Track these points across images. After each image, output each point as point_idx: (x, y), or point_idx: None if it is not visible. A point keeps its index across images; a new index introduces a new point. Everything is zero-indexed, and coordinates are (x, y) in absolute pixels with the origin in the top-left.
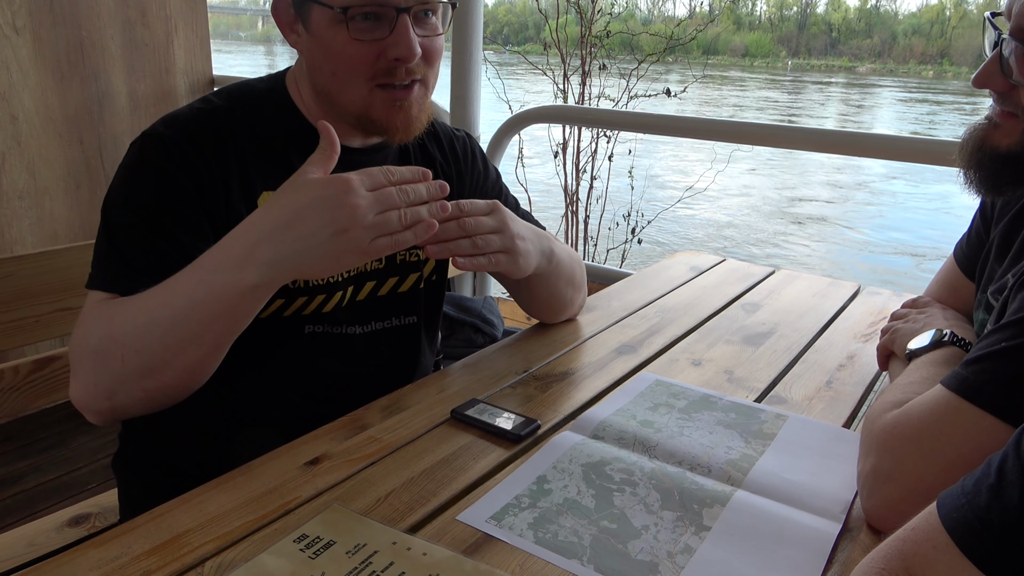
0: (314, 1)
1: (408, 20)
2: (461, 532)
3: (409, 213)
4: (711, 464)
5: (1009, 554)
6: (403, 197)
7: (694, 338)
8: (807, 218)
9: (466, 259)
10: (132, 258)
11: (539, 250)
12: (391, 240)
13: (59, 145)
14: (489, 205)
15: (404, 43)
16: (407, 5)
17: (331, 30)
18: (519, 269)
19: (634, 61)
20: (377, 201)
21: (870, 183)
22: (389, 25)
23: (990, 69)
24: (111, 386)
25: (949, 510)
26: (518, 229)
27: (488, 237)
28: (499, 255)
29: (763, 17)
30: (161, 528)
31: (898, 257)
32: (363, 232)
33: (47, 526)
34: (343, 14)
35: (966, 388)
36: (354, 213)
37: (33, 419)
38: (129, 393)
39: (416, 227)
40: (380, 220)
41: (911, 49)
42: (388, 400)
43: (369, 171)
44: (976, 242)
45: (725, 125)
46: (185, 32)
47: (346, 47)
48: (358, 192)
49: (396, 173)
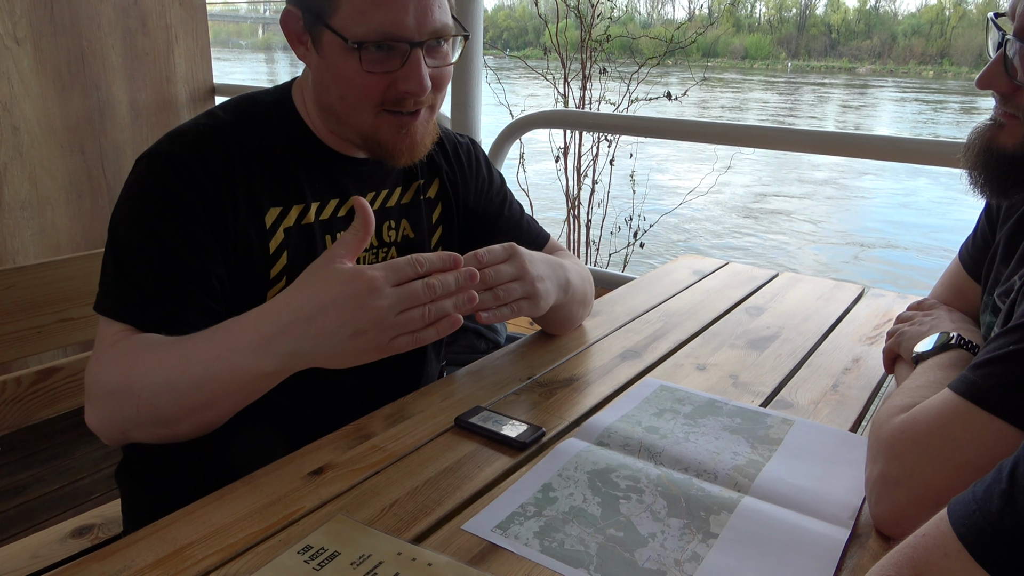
0: (326, 26)
1: (421, 54)
2: (467, 541)
3: (434, 309)
4: (717, 470)
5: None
6: (428, 293)
7: (698, 342)
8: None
9: (489, 313)
10: (140, 283)
11: (556, 286)
12: (412, 338)
13: (60, 155)
14: (506, 250)
15: (415, 78)
16: (421, 39)
17: (342, 57)
18: (539, 311)
19: (634, 65)
20: (400, 300)
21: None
22: (401, 58)
23: (994, 70)
24: (125, 427)
25: (960, 516)
26: (537, 271)
27: (509, 286)
28: (521, 302)
29: (762, 19)
30: (164, 541)
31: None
32: (383, 333)
33: (50, 537)
34: (356, 47)
35: (975, 392)
36: (375, 315)
37: (35, 429)
38: (142, 435)
39: (440, 323)
40: (402, 320)
41: (911, 49)
42: (392, 408)
43: (396, 264)
44: (982, 244)
45: (727, 128)
46: (186, 41)
47: (356, 76)
48: (381, 292)
49: (425, 263)
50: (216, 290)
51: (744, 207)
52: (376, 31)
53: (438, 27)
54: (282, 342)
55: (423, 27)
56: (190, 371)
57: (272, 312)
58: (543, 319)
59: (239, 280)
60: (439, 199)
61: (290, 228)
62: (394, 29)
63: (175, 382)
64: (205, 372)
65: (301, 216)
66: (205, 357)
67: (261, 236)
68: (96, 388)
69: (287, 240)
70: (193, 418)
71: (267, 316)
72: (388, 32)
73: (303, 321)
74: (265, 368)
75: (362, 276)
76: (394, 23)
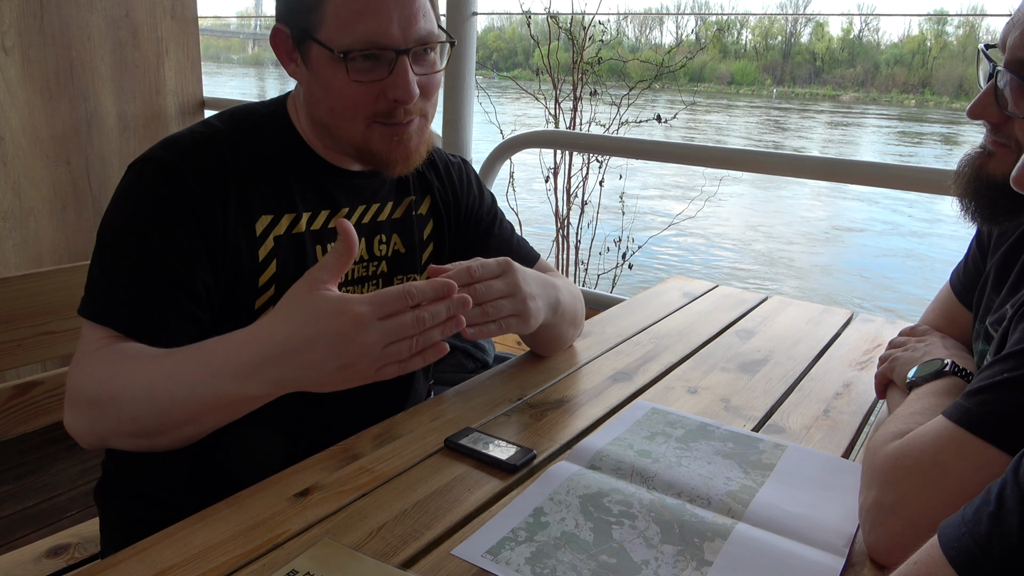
0: (313, 40)
1: (407, 62)
2: (456, 568)
3: (421, 340)
4: (711, 496)
5: None
6: (418, 326)
7: (689, 365)
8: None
9: (475, 328)
10: (123, 287)
11: (547, 305)
12: (399, 367)
13: (46, 165)
14: (500, 265)
15: (403, 85)
16: (406, 47)
17: (330, 69)
18: (528, 329)
19: (623, 88)
20: (388, 334)
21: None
22: (388, 66)
23: (984, 101)
24: (104, 435)
25: (950, 539)
26: (530, 288)
27: (498, 303)
28: (509, 319)
29: (748, 46)
30: (144, 564)
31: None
32: (370, 364)
33: (24, 557)
34: (342, 57)
35: (968, 419)
36: (361, 349)
37: (11, 444)
38: (121, 444)
39: (426, 352)
40: (389, 352)
41: (893, 78)
42: (380, 428)
43: (385, 297)
44: (973, 271)
45: (714, 151)
46: (176, 54)
47: (345, 87)
48: (369, 328)
49: (416, 295)
50: (201, 296)
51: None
52: (361, 40)
53: (423, 34)
54: (268, 371)
55: (408, 35)
56: (173, 390)
57: (257, 340)
58: (532, 338)
59: (227, 287)
60: (430, 216)
61: (280, 237)
62: (379, 38)
63: (158, 399)
64: (189, 393)
65: (292, 225)
66: (189, 379)
67: (251, 243)
68: (76, 394)
69: (277, 248)
70: (174, 432)
71: (252, 344)
72: (373, 41)
73: (289, 353)
74: (250, 392)
75: (349, 312)
76: (379, 32)
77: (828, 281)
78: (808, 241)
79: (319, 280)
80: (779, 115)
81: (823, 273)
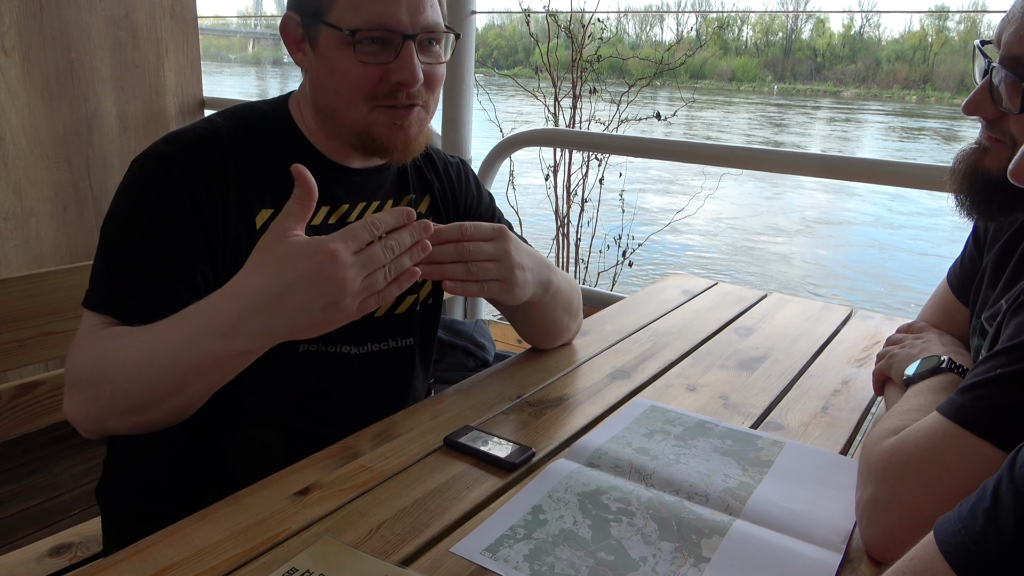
0: (323, 23)
1: (413, 47)
2: (455, 565)
3: (394, 267)
4: (709, 493)
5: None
6: (388, 254)
7: (688, 363)
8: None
9: (456, 283)
10: (125, 280)
11: (537, 280)
12: (377, 298)
13: (46, 166)
14: (495, 230)
15: (408, 68)
16: (413, 32)
17: (338, 51)
18: (513, 298)
19: (623, 85)
20: (363, 265)
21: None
22: (395, 50)
23: (980, 97)
24: (101, 415)
25: (946, 536)
26: (520, 259)
27: (484, 265)
28: (492, 283)
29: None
30: (145, 562)
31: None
32: (352, 300)
33: (27, 556)
34: (351, 36)
35: (963, 416)
36: (343, 285)
37: (14, 444)
38: (119, 422)
39: (400, 279)
40: (367, 284)
41: (894, 74)
42: (380, 427)
43: (353, 230)
44: (969, 267)
45: (714, 149)
46: (176, 54)
47: (351, 68)
48: (344, 262)
49: (380, 224)
50: (200, 288)
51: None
52: (370, 21)
53: (430, 23)
54: (252, 323)
55: (415, 21)
56: (161, 356)
57: (235, 295)
58: (524, 322)
59: (226, 279)
60: (430, 215)
61: None
62: (387, 20)
63: (146, 367)
64: (177, 357)
65: None
66: (175, 342)
67: (251, 237)
68: (72, 375)
69: None
70: (167, 403)
71: (232, 299)
72: (382, 23)
73: (270, 301)
74: (237, 348)
75: (324, 248)
76: (387, 14)
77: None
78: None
79: (287, 227)
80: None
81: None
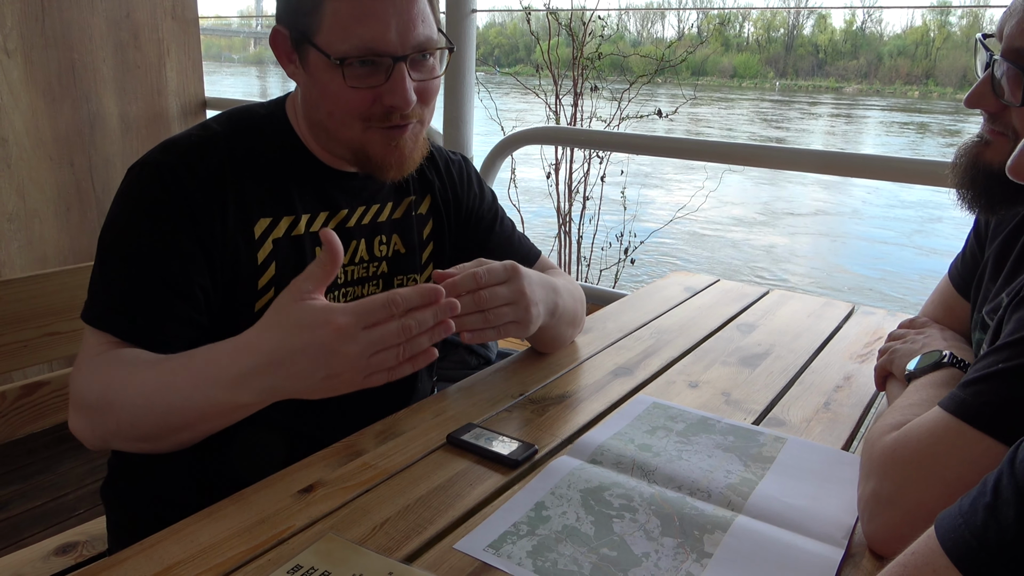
0: (311, 44)
1: (405, 69)
2: (459, 561)
3: (409, 347)
4: (711, 488)
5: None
6: (404, 335)
7: (690, 360)
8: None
9: (473, 334)
10: (120, 292)
11: (546, 310)
12: (387, 375)
13: (49, 167)
14: (507, 271)
15: (400, 92)
16: (404, 54)
17: (327, 74)
18: (526, 334)
19: (624, 82)
20: (372, 344)
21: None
22: (385, 72)
23: (982, 90)
24: (106, 437)
25: (947, 530)
26: (533, 295)
27: (500, 310)
28: (509, 325)
29: (750, 39)
30: (151, 560)
31: None
32: (356, 375)
33: (33, 555)
34: (339, 63)
35: (964, 410)
36: (346, 361)
37: (19, 444)
38: (123, 446)
39: (416, 359)
40: (375, 361)
41: (897, 70)
42: (383, 425)
43: (370, 306)
44: (971, 262)
45: (715, 146)
46: (177, 54)
47: (341, 92)
48: (353, 338)
49: (402, 303)
50: (199, 300)
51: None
52: (358, 47)
53: (421, 40)
54: (257, 380)
55: (406, 42)
56: (169, 398)
57: (246, 351)
58: (529, 338)
59: (226, 290)
60: (430, 215)
61: (279, 239)
62: (376, 44)
63: (154, 405)
64: (184, 401)
65: (291, 228)
66: (183, 386)
67: (249, 246)
68: (78, 399)
69: (276, 251)
70: (173, 438)
71: (240, 355)
72: (370, 48)
73: (276, 364)
74: (242, 401)
75: (332, 323)
76: (376, 39)
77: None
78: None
79: (303, 290)
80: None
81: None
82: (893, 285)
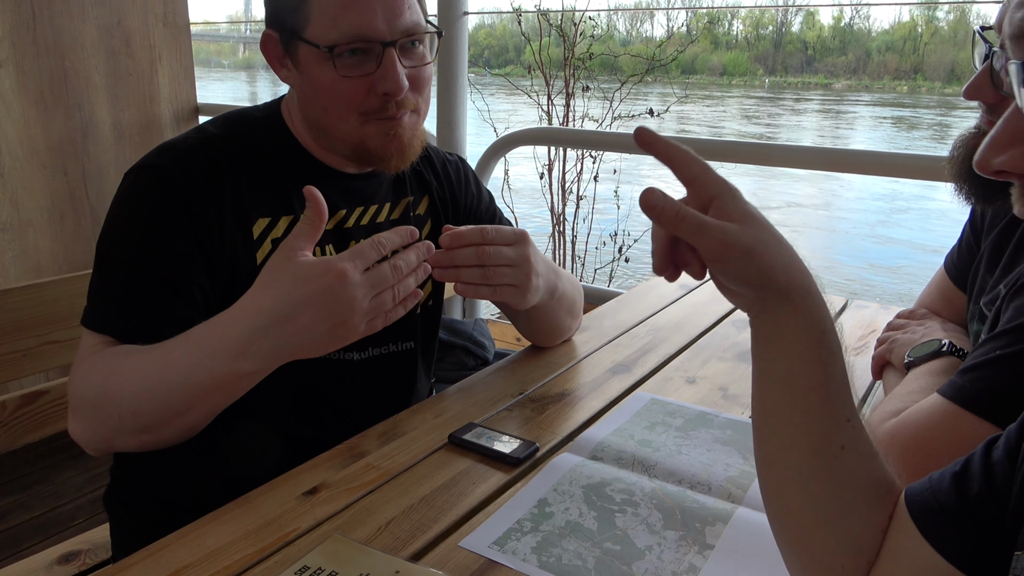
0: (301, 39)
1: (395, 54)
2: (464, 559)
3: (401, 288)
4: (711, 482)
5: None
6: (396, 275)
7: (687, 356)
8: None
9: (469, 287)
10: (122, 298)
11: (547, 287)
12: (384, 319)
13: (43, 176)
14: (516, 235)
15: (391, 78)
16: (393, 38)
17: (319, 67)
18: (523, 303)
19: (615, 82)
20: (371, 285)
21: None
22: (376, 60)
23: (980, 82)
24: (108, 436)
25: (913, 495)
26: (537, 265)
27: (500, 269)
28: (506, 288)
29: (739, 36)
30: (159, 564)
31: None
32: (360, 319)
33: (36, 565)
34: (329, 52)
35: (963, 396)
36: (352, 304)
37: (17, 454)
38: (127, 442)
39: (406, 300)
40: (375, 304)
41: (885, 65)
42: (385, 426)
43: (361, 250)
44: (967, 253)
45: (709, 144)
46: (169, 61)
47: (335, 84)
48: (353, 282)
49: (387, 243)
50: (198, 301)
51: None
52: (347, 34)
53: (409, 26)
54: (261, 343)
55: (393, 27)
56: (168, 378)
57: (243, 315)
58: (528, 325)
59: (224, 291)
60: (428, 216)
61: (278, 239)
62: (364, 31)
63: (154, 389)
64: (184, 379)
65: (289, 228)
66: (182, 364)
67: (248, 247)
68: (76, 399)
69: (274, 251)
70: (176, 422)
71: (240, 319)
72: (358, 34)
73: (280, 321)
74: (246, 368)
75: (333, 268)
76: (363, 24)
77: None
78: None
79: (296, 248)
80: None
81: None
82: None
